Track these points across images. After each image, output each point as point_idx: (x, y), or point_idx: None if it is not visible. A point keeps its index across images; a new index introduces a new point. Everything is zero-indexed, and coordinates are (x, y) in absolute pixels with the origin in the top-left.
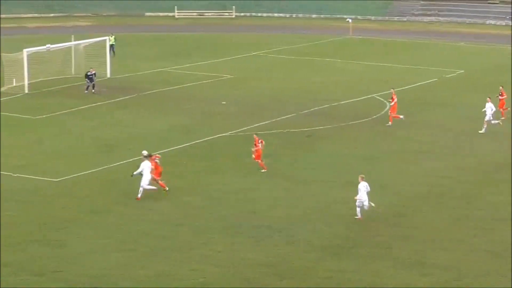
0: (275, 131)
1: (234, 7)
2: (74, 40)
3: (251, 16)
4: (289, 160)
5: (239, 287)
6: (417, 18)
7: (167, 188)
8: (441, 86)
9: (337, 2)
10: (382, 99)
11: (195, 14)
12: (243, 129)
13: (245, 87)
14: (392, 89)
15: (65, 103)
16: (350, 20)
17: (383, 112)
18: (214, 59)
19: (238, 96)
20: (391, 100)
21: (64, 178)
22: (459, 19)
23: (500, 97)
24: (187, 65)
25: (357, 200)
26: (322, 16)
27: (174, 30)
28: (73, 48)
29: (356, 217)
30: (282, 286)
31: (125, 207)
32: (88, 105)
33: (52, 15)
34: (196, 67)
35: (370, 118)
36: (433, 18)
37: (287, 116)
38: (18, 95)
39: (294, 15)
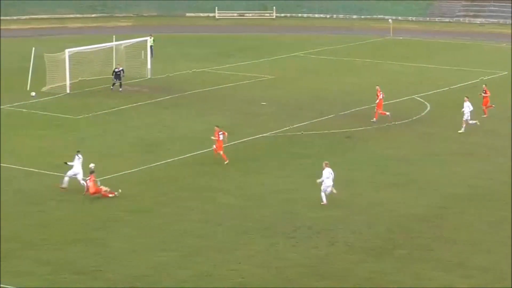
0: (315, 132)
1: (274, 7)
2: (115, 41)
3: (291, 16)
4: (328, 161)
5: (279, 287)
6: (458, 19)
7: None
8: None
9: (378, 2)
10: (422, 100)
11: (235, 14)
12: (284, 129)
13: (285, 88)
14: (377, 86)
15: (106, 103)
16: (390, 21)
17: (423, 113)
18: (254, 60)
19: (278, 96)
20: (377, 97)
21: (105, 177)
22: (501, 20)
23: (483, 94)
24: (227, 65)
25: (322, 186)
26: (362, 16)
27: (214, 30)
28: (114, 48)
29: (322, 202)
30: (322, 287)
31: (166, 206)
32: (129, 105)
33: (94, 15)
34: (236, 67)
35: (410, 119)
36: (474, 19)
37: (327, 117)
38: (60, 95)
39: (334, 16)
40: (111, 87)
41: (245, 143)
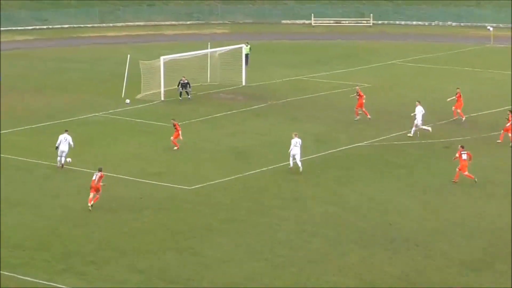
0: (412, 141)
1: (371, 15)
2: (210, 48)
3: (388, 24)
4: (425, 171)
5: None
6: None
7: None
8: None
9: (477, 9)
10: None
11: (332, 21)
12: (380, 138)
13: (382, 96)
14: (357, 87)
15: (199, 111)
16: (491, 29)
17: None
18: (350, 68)
19: (374, 105)
20: (357, 96)
21: (198, 186)
22: None
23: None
24: (323, 73)
25: (290, 153)
26: (461, 24)
27: (310, 37)
28: (208, 56)
29: (289, 167)
30: None
31: (260, 216)
32: (223, 113)
33: (189, 22)
34: (332, 75)
35: None
36: None
37: (425, 126)
38: (154, 102)
39: (433, 23)
40: (179, 98)
41: (340, 152)
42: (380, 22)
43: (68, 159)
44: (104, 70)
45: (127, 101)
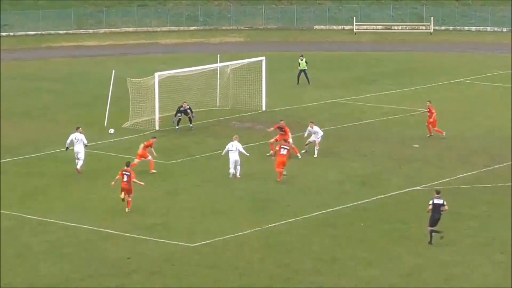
0: (486, 184)
1: (432, 18)
2: (221, 62)
3: (454, 30)
4: (503, 224)
5: None
6: None
7: None
8: None
9: None
10: None
11: (380, 27)
12: (442, 181)
13: (446, 125)
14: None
15: (206, 144)
16: None
17: None
18: (404, 87)
19: (436, 136)
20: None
21: (203, 242)
22: None
23: (428, 113)
24: (369, 94)
25: (230, 160)
26: None
27: (352, 48)
28: (218, 72)
29: (229, 176)
30: None
31: (285, 283)
32: None
33: (193, 28)
34: (380, 97)
35: None
36: None
37: (502, 165)
38: (146, 133)
39: None
40: (176, 127)
41: (390, 198)
42: (443, 27)
43: (111, 130)
44: (81, 90)
45: (111, 130)
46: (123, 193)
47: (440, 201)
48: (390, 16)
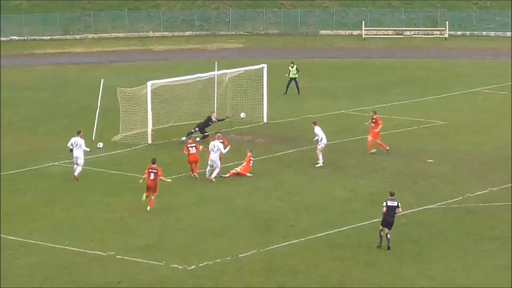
0: (506, 202)
1: (447, 22)
2: (218, 69)
3: (471, 35)
4: None
5: None
6: None
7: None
8: None
9: None
10: None
11: (391, 32)
12: (459, 198)
13: (462, 138)
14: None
15: (203, 158)
16: None
17: None
18: (417, 97)
19: (451, 150)
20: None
21: (200, 265)
22: None
23: (372, 123)
24: (378, 105)
25: (209, 161)
26: None
27: (360, 55)
28: (215, 80)
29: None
30: None
31: None
32: (236, 162)
33: (188, 33)
34: (391, 108)
35: None
36: None
37: None
38: (138, 147)
39: None
40: (182, 139)
41: (403, 218)
42: (459, 32)
43: (100, 144)
44: (67, 101)
45: (100, 144)
46: (145, 194)
47: (394, 203)
48: (401, 20)
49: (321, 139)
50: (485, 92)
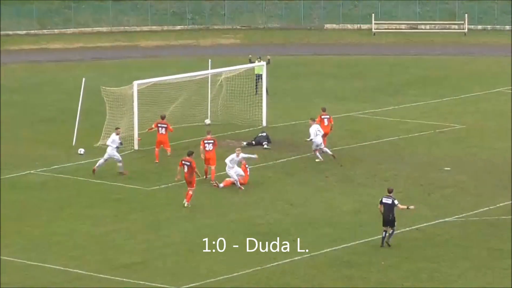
0: None
1: (466, 15)
2: (212, 68)
3: (493, 30)
4: None
5: None
6: None
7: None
8: None
9: None
10: None
11: (404, 26)
12: (479, 211)
13: (483, 144)
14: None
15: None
16: None
17: None
18: (432, 99)
19: (470, 157)
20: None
21: (190, 285)
22: None
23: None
24: (390, 107)
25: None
26: None
27: (370, 51)
28: (209, 80)
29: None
30: None
31: None
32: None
33: (179, 27)
34: (404, 111)
35: None
36: None
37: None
38: (123, 153)
39: None
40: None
41: (418, 232)
42: (480, 27)
43: (81, 150)
44: (45, 102)
45: (81, 150)
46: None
47: (389, 200)
48: (416, 13)
49: (310, 139)
50: (508, 93)
